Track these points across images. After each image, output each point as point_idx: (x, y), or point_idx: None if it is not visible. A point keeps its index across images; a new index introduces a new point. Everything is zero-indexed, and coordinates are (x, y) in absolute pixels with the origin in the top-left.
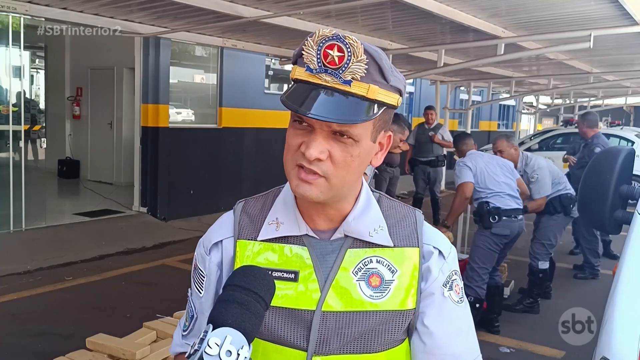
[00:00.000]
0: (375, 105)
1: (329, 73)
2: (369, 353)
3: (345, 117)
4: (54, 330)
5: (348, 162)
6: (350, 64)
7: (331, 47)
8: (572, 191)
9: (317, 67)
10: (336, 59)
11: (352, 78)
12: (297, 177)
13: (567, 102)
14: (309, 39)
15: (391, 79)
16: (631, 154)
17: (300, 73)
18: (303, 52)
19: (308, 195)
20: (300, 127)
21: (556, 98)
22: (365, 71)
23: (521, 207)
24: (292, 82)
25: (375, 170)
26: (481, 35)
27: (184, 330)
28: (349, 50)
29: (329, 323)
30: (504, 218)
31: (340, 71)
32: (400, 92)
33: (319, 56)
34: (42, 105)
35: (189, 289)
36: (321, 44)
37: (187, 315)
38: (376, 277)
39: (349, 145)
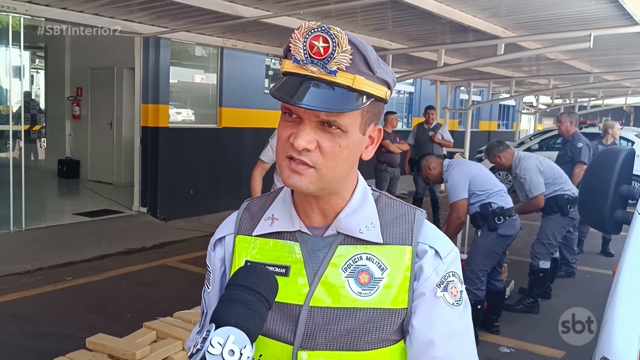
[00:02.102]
0: (364, 97)
1: (315, 64)
2: (356, 350)
3: (331, 106)
4: (54, 330)
5: (337, 152)
6: (335, 55)
7: (316, 38)
8: (569, 192)
9: (304, 59)
10: (321, 49)
11: (338, 68)
12: (287, 169)
13: (567, 102)
14: (295, 31)
15: (377, 71)
16: (631, 154)
17: (288, 65)
18: (290, 44)
19: (298, 185)
20: (290, 119)
21: (556, 98)
22: (350, 61)
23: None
24: (282, 75)
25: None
26: (481, 35)
27: (199, 326)
28: (333, 40)
29: (316, 318)
30: (507, 218)
31: (326, 62)
32: (388, 85)
33: (305, 47)
34: (42, 105)
35: (204, 286)
36: (307, 36)
37: (201, 312)
38: (365, 274)
39: (337, 136)
